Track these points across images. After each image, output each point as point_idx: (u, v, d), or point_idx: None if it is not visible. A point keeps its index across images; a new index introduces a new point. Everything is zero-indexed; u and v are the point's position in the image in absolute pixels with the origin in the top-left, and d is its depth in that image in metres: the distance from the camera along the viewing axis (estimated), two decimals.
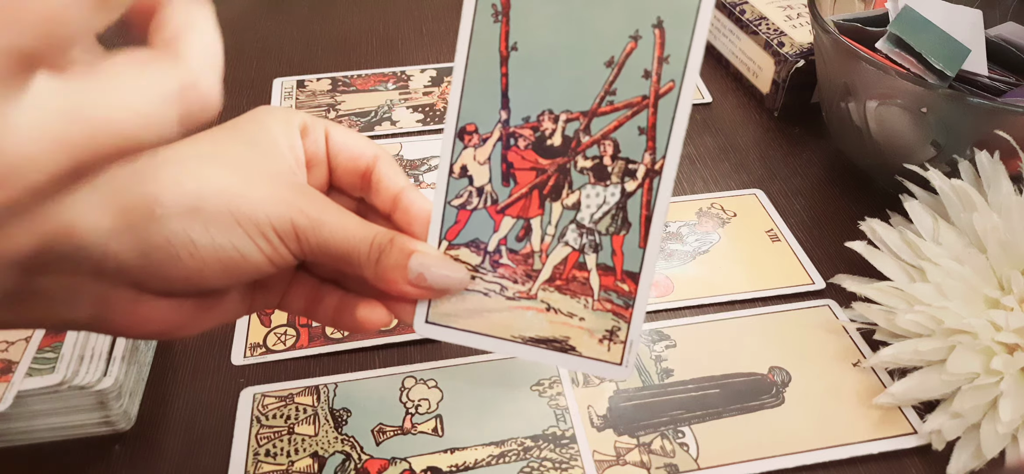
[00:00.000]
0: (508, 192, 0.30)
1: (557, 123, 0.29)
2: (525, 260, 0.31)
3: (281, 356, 0.40)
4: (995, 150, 0.41)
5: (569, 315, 0.31)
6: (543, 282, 0.31)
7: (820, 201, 0.51)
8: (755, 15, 0.62)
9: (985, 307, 0.38)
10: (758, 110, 0.60)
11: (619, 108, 0.29)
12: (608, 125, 0.29)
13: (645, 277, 0.30)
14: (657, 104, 0.28)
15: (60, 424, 0.36)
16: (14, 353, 0.35)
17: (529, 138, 0.30)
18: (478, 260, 0.31)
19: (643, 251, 0.30)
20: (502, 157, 0.30)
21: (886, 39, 0.47)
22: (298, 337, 0.41)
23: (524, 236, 0.31)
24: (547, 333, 0.31)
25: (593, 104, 0.29)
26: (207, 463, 0.36)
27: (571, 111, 0.29)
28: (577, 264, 0.30)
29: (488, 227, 0.31)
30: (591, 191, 0.30)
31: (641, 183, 0.29)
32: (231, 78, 0.67)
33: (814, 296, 0.44)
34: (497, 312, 0.31)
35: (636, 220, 0.30)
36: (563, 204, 0.30)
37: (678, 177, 0.53)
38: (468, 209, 0.31)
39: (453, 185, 0.31)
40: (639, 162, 0.29)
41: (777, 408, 0.38)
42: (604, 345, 0.31)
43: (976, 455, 0.35)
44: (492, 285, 0.31)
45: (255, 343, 0.41)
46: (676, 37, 0.28)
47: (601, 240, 0.30)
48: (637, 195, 0.29)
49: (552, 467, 0.35)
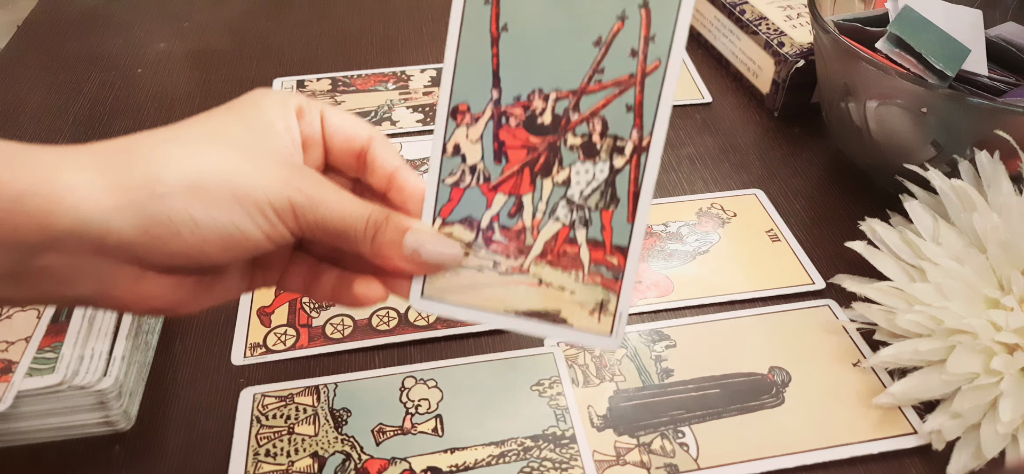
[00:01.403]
0: (500, 170, 0.31)
1: (547, 102, 0.30)
2: (517, 236, 0.31)
3: (281, 356, 0.40)
4: (995, 150, 0.41)
5: (560, 289, 0.31)
6: (535, 257, 0.31)
7: (820, 201, 0.51)
8: (755, 15, 0.62)
9: (985, 307, 0.38)
10: (758, 110, 0.60)
11: (607, 86, 0.30)
12: (597, 103, 0.30)
13: (633, 251, 0.31)
14: (644, 82, 0.29)
15: (60, 424, 0.36)
16: (14, 353, 0.35)
17: (520, 117, 0.31)
18: (471, 237, 0.31)
19: (631, 226, 0.30)
20: (494, 135, 0.31)
21: (886, 39, 0.47)
22: (298, 337, 0.41)
23: (516, 212, 0.31)
24: (539, 306, 0.32)
25: (582, 83, 0.30)
26: (207, 463, 0.36)
27: (561, 90, 0.30)
28: (568, 239, 0.31)
29: (481, 204, 0.31)
30: (581, 168, 0.31)
31: (629, 160, 0.30)
32: (231, 78, 0.67)
33: (814, 296, 0.44)
34: (490, 287, 0.32)
35: (624, 196, 0.30)
36: (554, 181, 0.31)
37: (678, 177, 0.53)
38: (461, 187, 0.31)
39: (446, 163, 0.31)
40: (627, 139, 0.30)
41: (777, 408, 0.38)
42: (594, 317, 0.31)
43: (976, 455, 0.35)
44: (485, 261, 0.32)
45: (255, 343, 0.41)
46: (661, 17, 0.28)
47: (590, 215, 0.31)
48: (625, 171, 0.30)
49: (552, 467, 0.35)
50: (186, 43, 0.68)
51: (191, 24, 0.71)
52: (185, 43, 0.68)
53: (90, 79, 0.64)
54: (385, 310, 0.43)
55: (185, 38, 0.69)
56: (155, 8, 0.73)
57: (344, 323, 0.42)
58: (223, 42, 0.68)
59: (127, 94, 0.62)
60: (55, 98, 0.62)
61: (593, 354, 0.40)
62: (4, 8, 1.52)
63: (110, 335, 0.37)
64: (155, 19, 0.71)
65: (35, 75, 0.64)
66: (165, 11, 0.72)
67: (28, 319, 0.37)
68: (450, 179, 0.31)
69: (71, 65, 0.65)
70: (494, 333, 0.42)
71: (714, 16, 0.65)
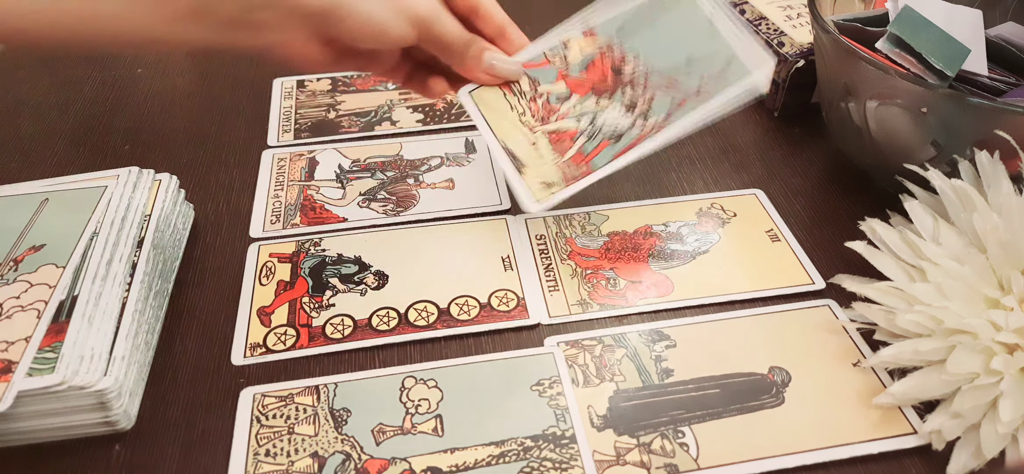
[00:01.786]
0: (578, 72, 0.46)
1: (635, 64, 0.46)
2: (550, 110, 0.45)
3: (281, 356, 0.40)
4: (995, 150, 0.41)
5: (540, 156, 0.44)
6: (546, 130, 0.45)
7: (820, 201, 0.51)
8: (755, 15, 0.62)
9: (985, 307, 0.38)
10: (758, 110, 0.60)
11: (671, 84, 0.45)
12: (657, 87, 0.45)
13: (597, 173, 0.43)
14: (687, 101, 0.44)
15: (60, 424, 0.36)
16: (14, 353, 0.35)
17: (616, 61, 0.46)
18: (530, 90, 0.46)
19: (610, 162, 0.44)
20: (593, 56, 0.46)
21: (886, 39, 0.47)
22: (298, 337, 0.41)
23: (563, 99, 0.45)
24: (519, 153, 0.45)
25: (661, 71, 0.46)
26: (207, 463, 0.36)
27: (648, 66, 0.46)
28: (573, 137, 0.45)
29: (551, 77, 0.46)
30: (619, 110, 0.45)
31: (643, 130, 0.44)
32: (231, 78, 0.67)
33: (814, 296, 0.44)
34: (507, 118, 0.45)
35: (623, 144, 0.44)
36: (598, 103, 0.45)
37: (678, 177, 0.53)
38: (549, 59, 0.46)
39: (553, 44, 0.47)
40: (654, 118, 0.44)
41: (777, 408, 0.38)
42: (541, 186, 0.44)
43: (976, 455, 0.35)
44: (519, 107, 0.45)
45: (255, 343, 0.41)
46: (721, 84, 0.44)
47: (597, 136, 0.44)
48: (636, 132, 0.44)
49: (552, 467, 0.35)
50: None
51: None
52: None
53: (90, 79, 0.64)
54: (385, 310, 0.43)
55: None
56: None
57: (344, 323, 0.42)
58: None
59: (127, 94, 0.62)
60: (55, 98, 0.62)
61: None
62: None
63: (110, 335, 0.37)
64: None
65: (35, 75, 0.64)
66: None
67: (28, 319, 0.37)
68: (548, 51, 0.47)
69: (71, 65, 0.65)
70: (494, 333, 0.42)
71: None
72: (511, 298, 0.44)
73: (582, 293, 0.44)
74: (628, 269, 0.46)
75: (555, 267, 0.46)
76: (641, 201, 0.51)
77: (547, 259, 0.46)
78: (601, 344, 0.41)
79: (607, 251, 0.47)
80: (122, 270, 0.40)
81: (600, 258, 0.46)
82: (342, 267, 0.45)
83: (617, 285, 0.44)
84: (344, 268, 0.45)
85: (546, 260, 0.46)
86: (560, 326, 0.42)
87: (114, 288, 0.39)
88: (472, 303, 0.43)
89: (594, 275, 0.45)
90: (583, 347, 0.41)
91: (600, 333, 0.42)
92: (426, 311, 0.43)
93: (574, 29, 0.47)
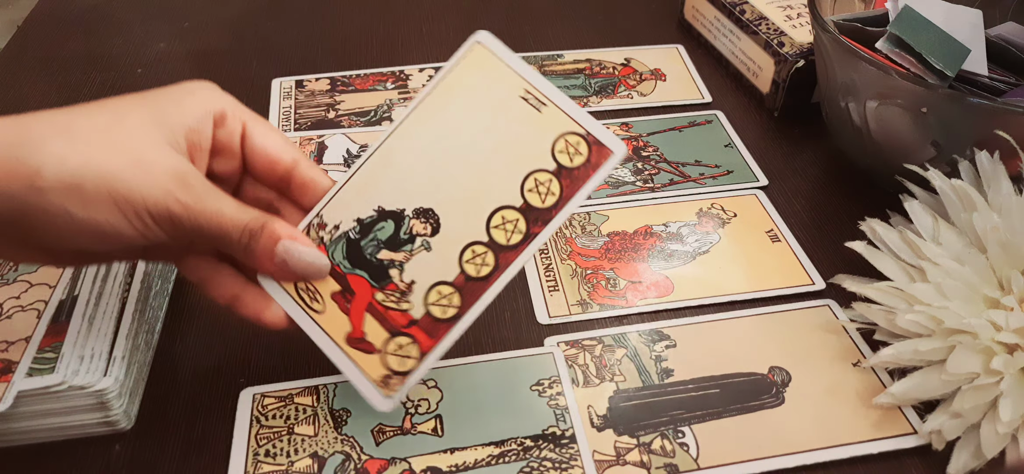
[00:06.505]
0: None
1: None
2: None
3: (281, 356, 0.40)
4: (995, 150, 0.41)
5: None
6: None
7: (820, 201, 0.51)
8: (755, 15, 0.62)
9: (985, 307, 0.38)
10: (758, 110, 0.60)
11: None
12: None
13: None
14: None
15: (60, 424, 0.36)
16: (14, 353, 0.35)
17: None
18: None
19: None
20: None
21: (886, 39, 0.47)
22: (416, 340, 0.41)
23: None
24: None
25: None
26: (207, 463, 0.36)
27: None
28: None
29: None
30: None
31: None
32: (231, 78, 0.67)
33: (814, 296, 0.44)
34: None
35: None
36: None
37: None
38: None
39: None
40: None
41: (777, 408, 0.38)
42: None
43: (976, 455, 0.35)
44: None
45: (384, 376, 0.41)
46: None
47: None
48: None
49: (552, 467, 0.35)
50: (186, 43, 0.68)
51: (191, 24, 0.71)
52: (185, 43, 0.68)
53: (90, 79, 0.64)
54: None
55: (185, 38, 0.69)
56: (155, 8, 0.73)
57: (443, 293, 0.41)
58: (223, 42, 0.68)
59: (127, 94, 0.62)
60: (55, 98, 0.62)
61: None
62: (4, 7, 1.51)
63: (110, 335, 0.37)
64: (155, 19, 0.71)
65: (35, 75, 0.64)
66: (165, 11, 0.72)
67: (28, 319, 0.37)
68: None
69: (71, 65, 0.65)
70: (494, 333, 0.42)
71: (714, 16, 0.65)
72: None
73: (582, 293, 0.44)
74: (628, 269, 0.46)
75: (555, 267, 0.46)
76: (641, 201, 0.51)
77: (547, 259, 0.46)
78: (601, 344, 0.41)
79: (607, 251, 0.47)
80: (122, 270, 0.40)
81: (600, 258, 0.46)
82: (376, 231, 0.35)
83: (617, 285, 0.44)
84: (379, 231, 0.35)
85: (546, 260, 0.46)
86: (560, 326, 0.42)
87: (114, 288, 0.39)
88: None
89: (594, 275, 0.45)
90: (583, 347, 0.41)
91: (600, 333, 0.42)
92: None
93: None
